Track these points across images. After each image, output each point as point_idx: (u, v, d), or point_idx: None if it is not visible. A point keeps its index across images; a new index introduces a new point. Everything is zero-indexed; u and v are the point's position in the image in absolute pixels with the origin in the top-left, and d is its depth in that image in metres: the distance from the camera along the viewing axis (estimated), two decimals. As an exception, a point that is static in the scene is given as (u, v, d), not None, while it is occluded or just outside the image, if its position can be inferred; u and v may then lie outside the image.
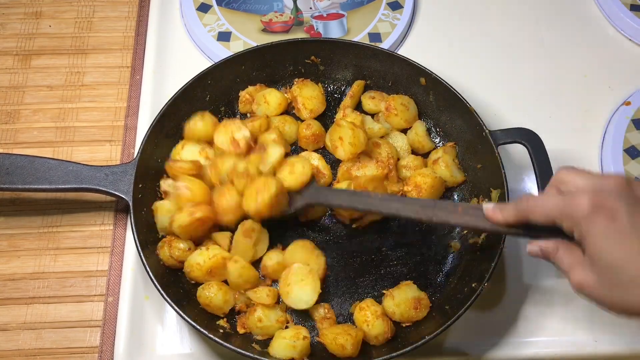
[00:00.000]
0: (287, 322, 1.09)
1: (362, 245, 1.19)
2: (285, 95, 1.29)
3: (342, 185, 1.17)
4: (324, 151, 1.26)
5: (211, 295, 1.07)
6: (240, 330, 1.08)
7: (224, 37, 1.41)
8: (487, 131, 1.17)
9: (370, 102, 1.30)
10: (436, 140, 1.29)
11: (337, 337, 1.03)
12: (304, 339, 1.02)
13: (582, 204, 0.77)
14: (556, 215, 0.80)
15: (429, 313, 1.10)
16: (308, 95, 1.27)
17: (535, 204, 0.84)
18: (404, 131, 1.28)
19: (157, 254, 1.12)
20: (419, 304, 1.08)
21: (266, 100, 1.27)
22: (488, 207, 0.90)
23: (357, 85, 1.29)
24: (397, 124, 1.27)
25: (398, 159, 1.24)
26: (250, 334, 1.08)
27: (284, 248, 1.14)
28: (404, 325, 1.09)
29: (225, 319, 1.09)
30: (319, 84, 1.32)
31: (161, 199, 1.17)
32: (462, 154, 1.25)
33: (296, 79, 1.32)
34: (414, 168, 1.22)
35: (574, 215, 0.78)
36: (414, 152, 1.27)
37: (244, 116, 1.30)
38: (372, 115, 1.30)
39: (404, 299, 1.08)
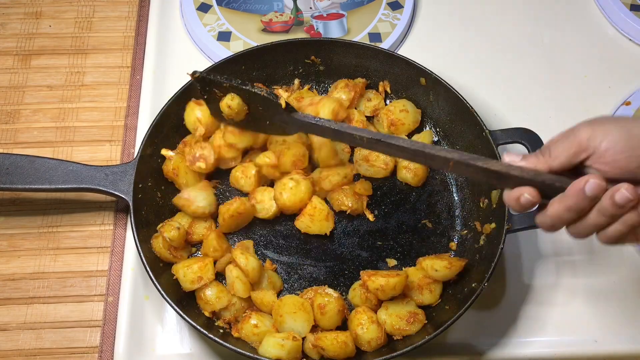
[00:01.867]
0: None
1: (360, 246, 1.19)
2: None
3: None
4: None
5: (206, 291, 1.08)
6: (235, 335, 1.07)
7: (224, 37, 1.41)
8: (487, 131, 1.17)
9: (367, 104, 1.30)
10: (435, 139, 1.29)
11: (338, 336, 1.02)
12: (294, 339, 1.01)
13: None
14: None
15: (429, 313, 1.10)
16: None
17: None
18: (411, 133, 1.28)
19: (152, 247, 1.11)
20: (413, 318, 1.07)
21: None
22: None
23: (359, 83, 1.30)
24: (407, 129, 1.27)
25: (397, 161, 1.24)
26: (245, 342, 1.06)
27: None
28: (395, 338, 1.07)
29: (223, 320, 1.09)
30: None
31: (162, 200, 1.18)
32: (462, 154, 1.25)
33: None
34: (414, 169, 1.22)
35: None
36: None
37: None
38: (370, 118, 1.30)
39: (397, 311, 1.07)
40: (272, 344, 1.00)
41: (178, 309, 1.01)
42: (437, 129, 1.29)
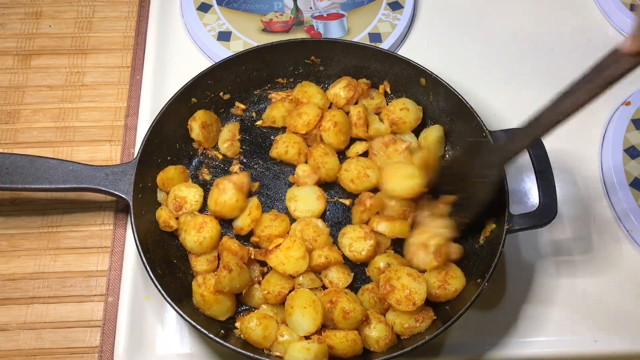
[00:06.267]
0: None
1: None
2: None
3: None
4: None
5: (252, 326, 1.04)
6: (237, 334, 1.07)
7: (224, 36, 1.41)
8: (487, 131, 1.17)
9: (370, 102, 1.30)
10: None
11: (347, 334, 1.02)
12: (319, 342, 1.01)
13: None
14: None
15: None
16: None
17: None
18: (416, 130, 1.28)
19: (157, 216, 1.14)
20: (422, 316, 1.06)
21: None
22: (623, 44, 0.86)
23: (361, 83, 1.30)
24: (409, 127, 1.27)
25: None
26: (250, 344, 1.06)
27: None
28: (402, 338, 1.07)
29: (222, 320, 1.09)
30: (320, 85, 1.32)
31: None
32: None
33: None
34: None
35: None
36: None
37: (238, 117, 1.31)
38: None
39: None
40: (298, 349, 1.00)
41: (178, 309, 1.01)
42: (437, 129, 1.29)
